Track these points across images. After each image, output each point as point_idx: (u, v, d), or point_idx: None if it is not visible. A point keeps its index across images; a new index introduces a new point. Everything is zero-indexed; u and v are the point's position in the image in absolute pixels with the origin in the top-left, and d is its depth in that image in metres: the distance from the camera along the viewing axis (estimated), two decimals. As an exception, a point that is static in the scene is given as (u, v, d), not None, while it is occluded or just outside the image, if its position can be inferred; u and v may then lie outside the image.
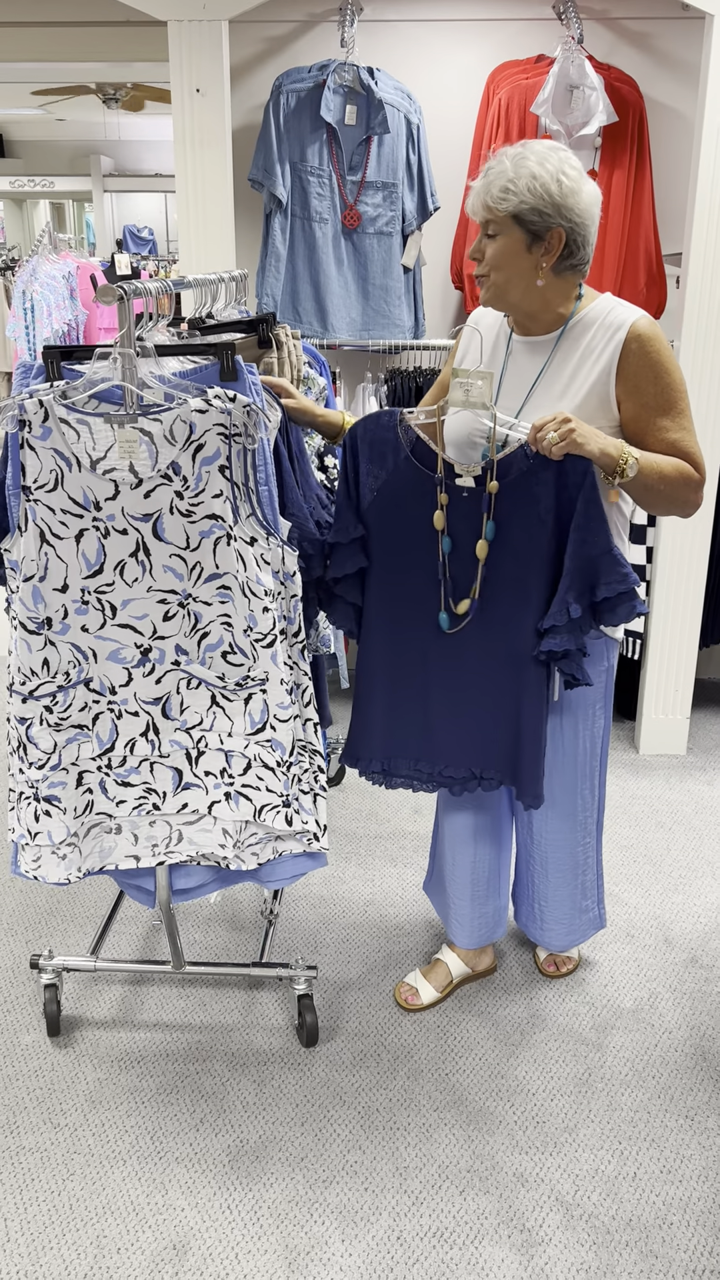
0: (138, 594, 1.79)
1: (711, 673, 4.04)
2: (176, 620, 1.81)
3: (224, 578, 1.77)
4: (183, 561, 1.77)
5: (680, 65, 3.41)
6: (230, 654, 1.82)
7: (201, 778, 1.92)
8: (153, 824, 1.95)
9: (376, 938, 2.54)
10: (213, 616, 1.80)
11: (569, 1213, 1.81)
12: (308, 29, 3.44)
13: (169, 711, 1.87)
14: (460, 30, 3.42)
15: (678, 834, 3.01)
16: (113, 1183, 1.87)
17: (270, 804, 1.90)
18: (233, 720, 1.87)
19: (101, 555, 1.77)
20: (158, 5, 2.93)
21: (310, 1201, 1.84)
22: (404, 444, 1.88)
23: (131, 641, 1.82)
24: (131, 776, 1.91)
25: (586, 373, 1.87)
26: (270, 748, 1.87)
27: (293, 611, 1.83)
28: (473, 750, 2.02)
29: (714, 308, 3.05)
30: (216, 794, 1.92)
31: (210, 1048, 2.18)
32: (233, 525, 1.73)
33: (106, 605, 1.80)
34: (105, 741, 1.89)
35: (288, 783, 1.89)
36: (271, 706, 1.84)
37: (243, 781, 1.90)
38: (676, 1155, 1.92)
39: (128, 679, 1.84)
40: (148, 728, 1.88)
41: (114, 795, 1.92)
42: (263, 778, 1.89)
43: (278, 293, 3.36)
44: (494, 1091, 2.07)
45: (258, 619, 1.77)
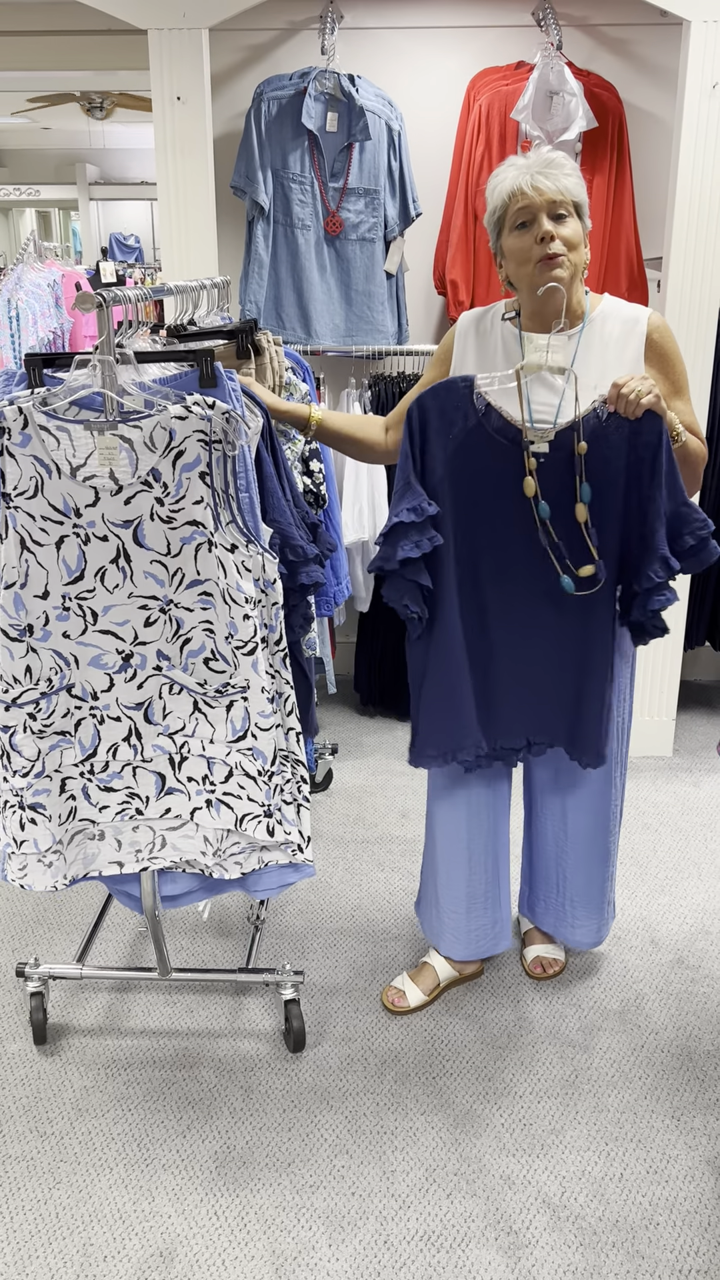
0: (119, 600, 1.79)
1: (697, 674, 4.06)
2: (158, 626, 1.81)
3: (205, 584, 1.78)
4: (164, 567, 1.77)
5: (659, 71, 3.43)
6: (212, 660, 1.82)
7: (184, 783, 1.92)
8: (136, 829, 1.95)
9: (364, 943, 2.54)
10: (195, 622, 1.81)
11: (556, 1214, 1.81)
12: (288, 37, 3.45)
13: (151, 716, 1.87)
14: (440, 37, 3.44)
15: (664, 835, 3.02)
16: (99, 1190, 1.87)
17: (251, 813, 1.90)
18: (214, 727, 1.87)
19: (82, 562, 1.77)
20: (138, 14, 2.94)
21: (297, 1207, 1.84)
22: (476, 412, 1.90)
23: (113, 647, 1.82)
24: (114, 782, 1.91)
25: (615, 361, 1.95)
26: (252, 756, 1.87)
27: (274, 619, 1.83)
28: (530, 717, 2.06)
29: (693, 310, 3.07)
30: (199, 800, 1.92)
31: (197, 1054, 2.18)
32: (214, 531, 1.74)
33: (88, 611, 1.80)
34: (87, 747, 1.89)
35: (269, 792, 1.88)
36: (253, 715, 1.84)
37: (224, 789, 1.90)
38: (663, 1156, 1.93)
39: (109, 684, 1.84)
40: (130, 733, 1.88)
41: (97, 801, 1.92)
42: (244, 786, 1.89)
43: (261, 299, 3.36)
44: (481, 1094, 2.08)
45: (239, 626, 1.77)
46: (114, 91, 8.75)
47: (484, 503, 1.93)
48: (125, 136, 12.39)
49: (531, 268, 1.86)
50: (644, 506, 1.89)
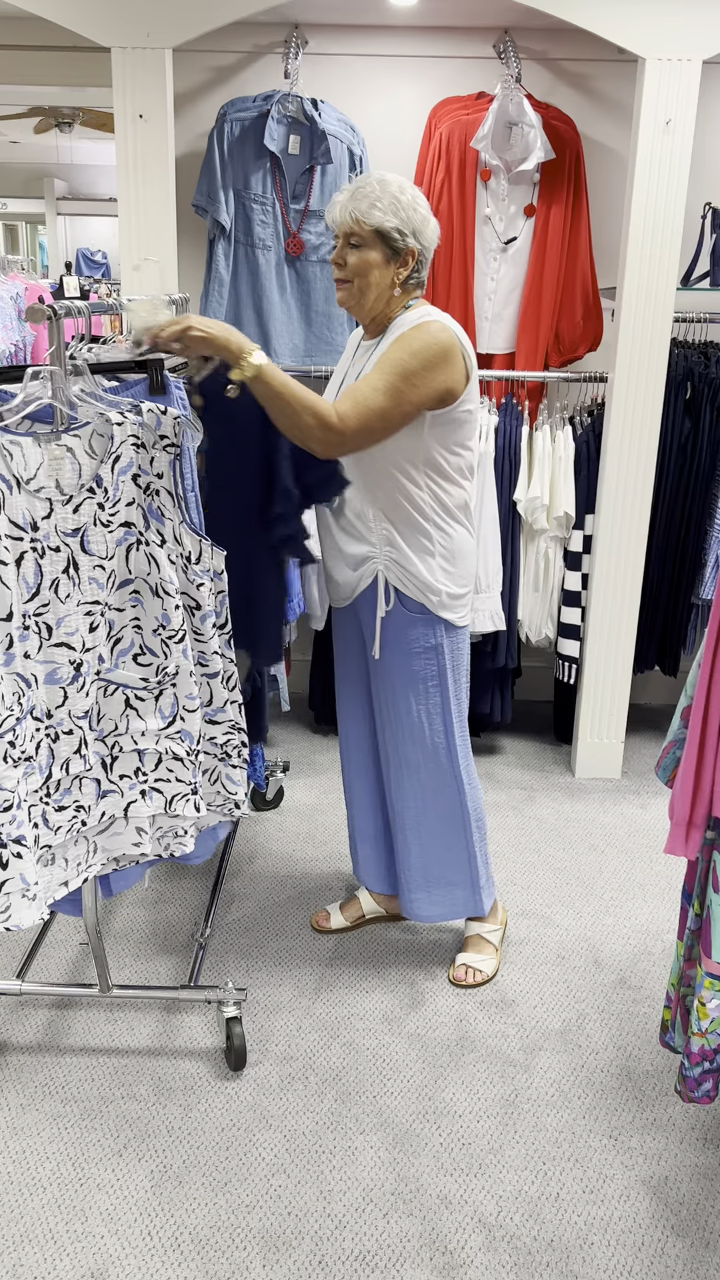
0: (69, 609, 1.79)
1: (646, 697, 4.10)
2: (100, 630, 1.83)
3: (134, 582, 1.83)
4: (104, 571, 1.80)
5: (615, 106, 3.51)
6: (140, 655, 1.87)
7: (117, 782, 1.93)
8: (77, 844, 1.93)
9: (309, 961, 2.53)
10: (125, 622, 1.86)
11: (491, 1234, 1.81)
12: (253, 60, 3.49)
13: (93, 723, 1.87)
14: (403, 66, 3.49)
15: (610, 856, 3.05)
16: (31, 1210, 1.84)
17: (180, 793, 1.95)
18: (145, 719, 1.91)
19: (39, 576, 1.76)
20: (102, 32, 2.95)
21: (232, 1227, 1.82)
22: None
23: (66, 659, 1.81)
24: (65, 799, 1.89)
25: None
26: (180, 739, 1.92)
27: (221, 605, 1.93)
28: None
29: (645, 339, 3.13)
30: (132, 794, 1.94)
31: (136, 1072, 2.16)
32: (144, 530, 1.79)
33: (44, 627, 1.78)
34: (45, 769, 1.84)
35: (195, 770, 1.94)
36: (181, 699, 1.90)
37: (155, 777, 1.94)
38: (599, 1175, 1.94)
39: (63, 698, 1.82)
40: (80, 744, 1.87)
41: (54, 824, 1.87)
42: (172, 769, 1.93)
43: (221, 317, 3.38)
44: (421, 1113, 2.07)
45: (171, 616, 1.83)
46: (82, 108, 8.75)
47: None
48: (94, 152, 12.39)
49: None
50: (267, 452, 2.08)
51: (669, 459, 3.37)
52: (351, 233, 2.04)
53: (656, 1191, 1.90)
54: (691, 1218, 1.85)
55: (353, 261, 2.07)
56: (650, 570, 3.46)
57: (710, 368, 3.32)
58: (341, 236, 2.07)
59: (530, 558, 3.43)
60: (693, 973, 1.84)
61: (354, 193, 2.04)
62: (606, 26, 2.91)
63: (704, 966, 1.74)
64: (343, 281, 2.11)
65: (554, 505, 3.32)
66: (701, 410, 3.33)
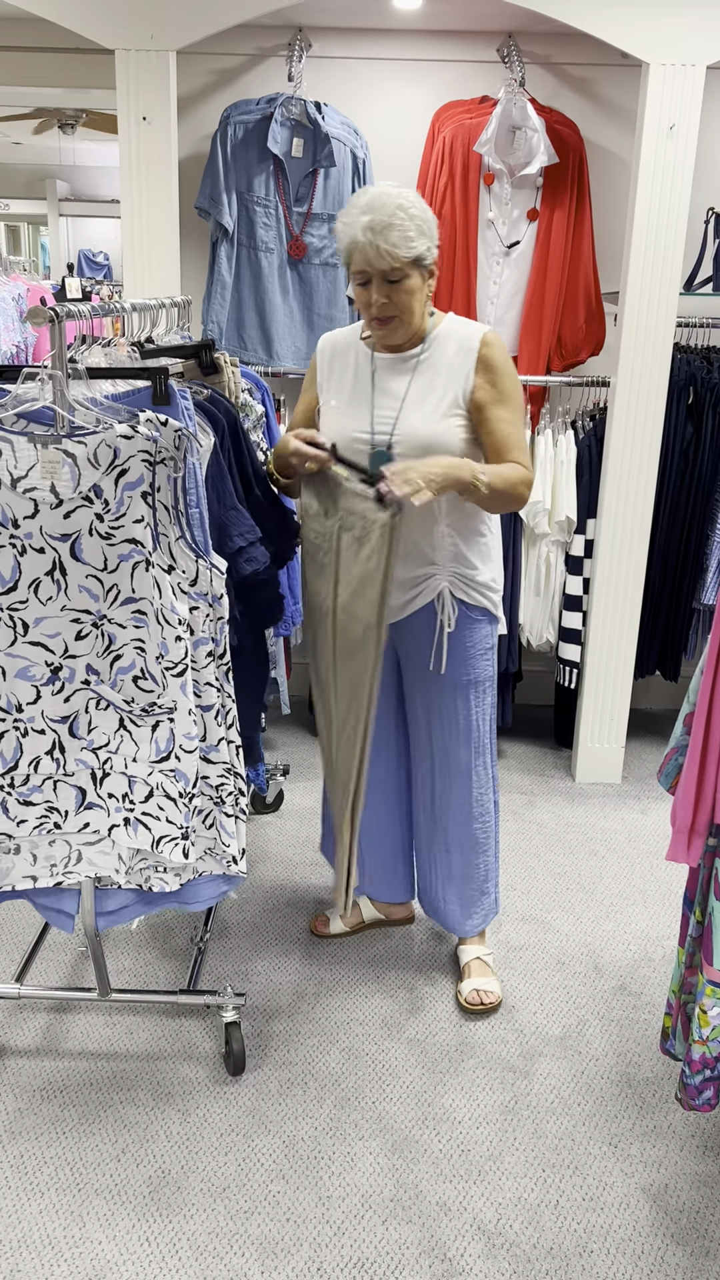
0: (51, 612, 1.78)
1: (647, 702, 4.10)
2: (89, 640, 1.81)
3: (140, 602, 1.78)
4: (99, 582, 1.77)
5: (619, 111, 3.50)
6: (141, 679, 1.82)
7: (104, 799, 1.91)
8: (52, 844, 1.93)
9: (308, 965, 2.53)
10: (127, 640, 1.81)
11: (490, 1242, 1.81)
12: (256, 62, 3.49)
13: (76, 730, 1.86)
14: (407, 69, 3.49)
15: (611, 862, 3.04)
16: (29, 1215, 1.83)
17: (169, 835, 1.89)
18: (139, 745, 1.86)
19: (16, 572, 1.76)
20: (106, 34, 2.95)
21: (230, 1233, 1.81)
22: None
23: (42, 659, 1.81)
24: (34, 795, 1.89)
25: (446, 382, 2.07)
26: (174, 778, 1.86)
27: (220, 634, 1.84)
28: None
29: (648, 344, 3.12)
30: (117, 817, 1.91)
31: (135, 1077, 2.15)
32: (151, 551, 1.74)
33: (18, 622, 1.78)
34: (8, 760, 1.87)
35: (188, 815, 1.88)
36: (178, 736, 1.83)
37: (143, 809, 1.89)
38: (599, 1183, 1.93)
39: (35, 696, 1.83)
40: (54, 746, 1.87)
41: (15, 815, 1.89)
42: (163, 808, 1.88)
43: (223, 319, 3.38)
44: (420, 1119, 2.07)
45: (170, 647, 1.77)
46: (85, 109, 8.75)
47: None
48: (96, 153, 12.40)
49: (367, 318, 2.07)
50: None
51: (671, 464, 3.36)
52: (391, 270, 1.96)
53: (656, 1199, 1.90)
54: (691, 1226, 1.84)
55: (400, 299, 1.99)
56: (651, 575, 3.46)
57: (713, 373, 3.32)
58: (376, 276, 1.97)
59: (532, 562, 3.42)
60: (694, 980, 1.84)
61: (380, 230, 1.92)
62: (610, 31, 2.91)
63: (705, 974, 1.73)
64: (387, 320, 2.02)
65: (556, 509, 3.32)
66: (703, 415, 3.33)
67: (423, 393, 2.07)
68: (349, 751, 2.14)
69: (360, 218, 1.94)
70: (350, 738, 2.13)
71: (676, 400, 3.30)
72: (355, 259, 1.99)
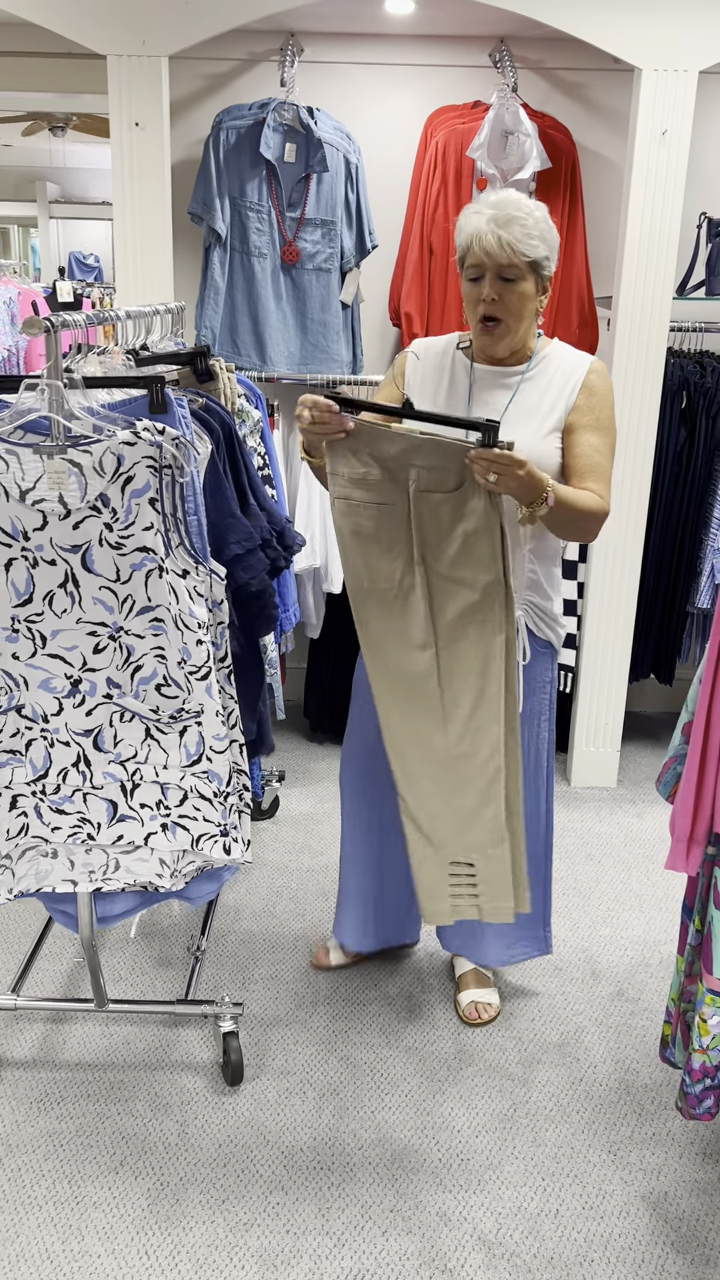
0: (67, 625, 1.77)
1: (641, 706, 4.10)
2: (107, 653, 1.80)
3: (156, 610, 1.77)
4: (113, 594, 1.76)
5: (611, 115, 3.51)
6: (164, 686, 1.81)
7: (137, 810, 1.90)
8: (89, 852, 1.93)
9: (306, 973, 2.52)
10: (146, 649, 1.79)
11: (491, 1252, 1.80)
12: (248, 68, 3.48)
13: (101, 744, 1.85)
14: (399, 74, 3.49)
15: (607, 866, 3.04)
16: (27, 1230, 1.82)
17: (208, 833, 1.91)
18: (168, 753, 1.86)
19: (30, 585, 1.75)
20: (97, 40, 2.94)
21: (230, 1245, 1.81)
22: None
23: (61, 672, 1.80)
24: (66, 805, 1.89)
25: (552, 402, 2.01)
26: (207, 779, 1.86)
27: (220, 638, 1.86)
28: None
29: (641, 349, 3.13)
30: (153, 825, 1.91)
31: (132, 1087, 2.14)
32: (164, 558, 1.73)
33: (37, 635, 1.78)
34: (39, 768, 1.86)
35: (224, 812, 1.89)
36: (207, 738, 1.84)
37: (179, 813, 1.90)
38: (599, 1191, 1.93)
39: (59, 708, 1.82)
40: (79, 759, 1.86)
41: (49, 821, 1.89)
42: (199, 808, 1.89)
43: (217, 325, 3.37)
44: (419, 1129, 2.06)
45: (191, 651, 1.77)
46: (75, 113, 8.72)
47: None
48: (87, 156, 12.37)
49: (474, 320, 1.97)
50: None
51: (664, 468, 3.37)
52: (508, 265, 1.88)
53: (656, 1207, 1.89)
54: (691, 1234, 1.84)
55: (511, 301, 1.90)
56: (646, 579, 3.46)
57: (706, 377, 3.32)
58: (491, 270, 1.89)
59: (526, 566, 3.42)
60: (693, 988, 1.84)
61: (506, 222, 1.85)
62: (603, 37, 2.91)
63: (705, 983, 1.73)
64: (493, 323, 1.93)
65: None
66: (697, 419, 3.33)
67: (524, 411, 1.99)
68: (477, 742, 1.92)
69: (485, 210, 1.89)
70: (478, 725, 1.92)
71: (670, 405, 3.31)
72: (473, 250, 1.90)
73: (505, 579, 1.85)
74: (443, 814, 1.99)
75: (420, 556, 1.87)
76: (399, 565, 1.89)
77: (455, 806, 1.98)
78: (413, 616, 1.92)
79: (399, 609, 1.92)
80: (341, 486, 1.88)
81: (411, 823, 2.02)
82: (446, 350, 2.09)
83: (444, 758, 1.96)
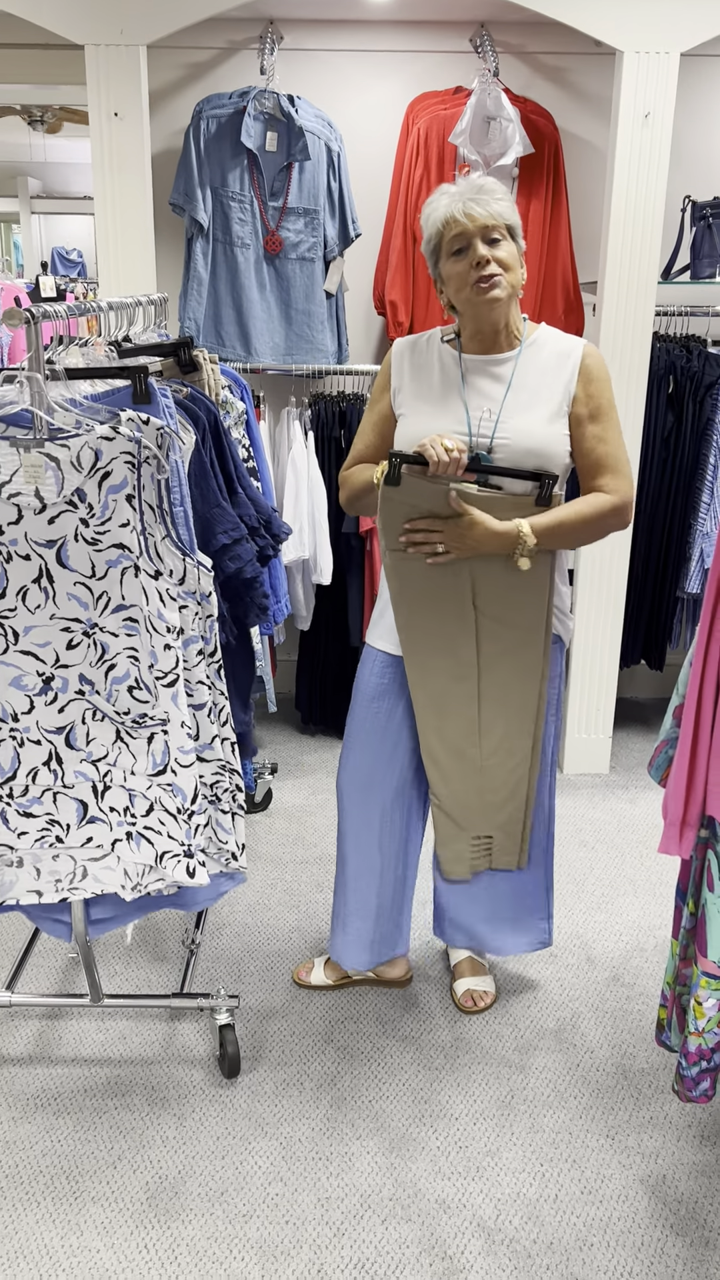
0: (40, 621, 1.76)
1: (633, 692, 4.11)
2: (80, 649, 1.78)
3: (131, 609, 1.75)
4: (88, 590, 1.74)
5: (593, 99, 3.49)
6: (136, 689, 1.80)
7: (106, 813, 1.88)
8: (55, 858, 1.91)
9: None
10: (119, 648, 1.78)
11: (490, 1238, 1.80)
12: (228, 56, 3.46)
13: (73, 742, 1.84)
14: (379, 60, 3.47)
15: (600, 853, 3.04)
16: (26, 1226, 1.82)
17: (171, 851, 1.87)
18: (136, 757, 1.84)
19: (3, 580, 1.74)
20: (75, 29, 2.92)
21: (229, 1237, 1.80)
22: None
23: (33, 669, 1.78)
24: (34, 807, 1.87)
25: (551, 386, 1.98)
26: (171, 792, 1.84)
27: (209, 631, 1.83)
28: None
29: (627, 334, 3.12)
30: (120, 831, 1.89)
31: (129, 1082, 2.14)
32: (139, 556, 1.72)
33: (9, 631, 1.76)
34: (6, 770, 1.85)
35: (189, 832, 1.85)
36: (173, 749, 1.81)
37: (144, 823, 1.87)
38: (597, 1175, 1.93)
39: (30, 706, 1.81)
40: (50, 757, 1.84)
41: (15, 826, 1.87)
42: (164, 823, 1.86)
43: (200, 316, 3.35)
44: (417, 1117, 2.06)
45: (159, 656, 1.75)
46: (55, 106, 8.66)
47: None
48: (68, 150, 12.30)
49: (470, 291, 1.91)
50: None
51: (652, 453, 3.36)
52: (492, 226, 1.87)
53: (655, 1190, 1.90)
54: (690, 1216, 1.85)
55: (500, 255, 1.88)
56: (635, 564, 3.46)
57: (692, 361, 3.32)
58: (476, 234, 1.87)
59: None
60: (688, 972, 1.84)
61: (475, 191, 1.87)
62: (583, 19, 2.90)
63: (700, 966, 1.73)
64: (493, 279, 1.88)
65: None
66: (684, 404, 3.33)
67: (524, 396, 1.96)
68: (507, 756, 2.11)
69: (448, 191, 1.90)
70: (509, 743, 2.10)
71: (657, 390, 3.30)
72: (451, 225, 1.88)
73: (548, 617, 1.99)
74: (474, 806, 2.17)
75: (474, 603, 1.99)
76: (451, 611, 2.00)
77: (485, 801, 2.16)
78: (461, 655, 2.04)
79: (448, 648, 2.03)
80: (397, 541, 1.96)
81: (442, 813, 2.18)
82: (430, 345, 2.06)
83: (476, 767, 2.13)
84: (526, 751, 2.12)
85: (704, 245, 3.34)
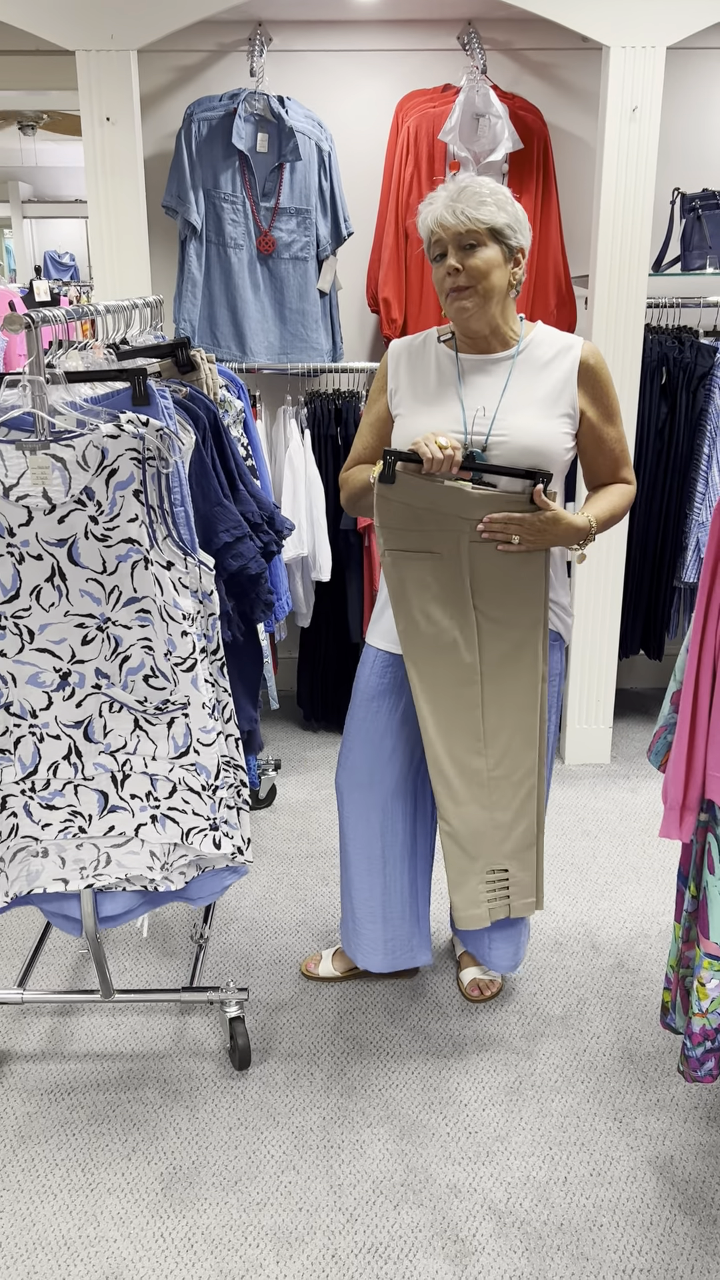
0: (55, 619, 1.79)
1: (632, 682, 4.13)
2: (95, 644, 1.81)
3: (143, 601, 1.78)
4: (100, 585, 1.77)
5: (581, 94, 3.52)
6: (152, 677, 1.83)
7: (128, 800, 1.91)
8: (79, 847, 1.94)
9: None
10: (133, 640, 1.81)
11: (501, 1221, 1.83)
12: (218, 58, 3.48)
13: (91, 735, 1.86)
14: (368, 60, 3.49)
15: (603, 841, 3.07)
16: (43, 1218, 1.84)
17: (198, 827, 1.91)
18: (156, 744, 1.87)
19: (16, 580, 1.76)
20: (65, 35, 2.94)
21: (244, 1225, 1.83)
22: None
23: (50, 666, 1.81)
24: (56, 799, 1.90)
25: (551, 384, 1.98)
26: (195, 771, 1.87)
27: (211, 630, 1.85)
28: None
29: (619, 326, 3.14)
30: (143, 816, 1.92)
31: (142, 1075, 2.17)
32: (149, 549, 1.74)
33: (24, 630, 1.79)
34: (28, 765, 1.88)
35: (214, 806, 1.89)
36: (194, 730, 1.85)
37: (169, 805, 1.90)
38: (605, 1158, 1.96)
39: (48, 703, 1.83)
40: (70, 751, 1.87)
41: (39, 819, 1.91)
42: (189, 801, 1.89)
43: (195, 318, 3.38)
44: (426, 1104, 2.09)
45: (177, 643, 1.78)
46: (45, 111, 8.67)
47: None
48: (59, 154, 12.32)
49: (444, 299, 1.95)
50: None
51: (647, 444, 3.39)
52: (466, 233, 1.86)
53: (663, 1171, 1.92)
54: (698, 1195, 1.87)
55: (473, 263, 1.87)
56: (632, 555, 3.49)
57: (684, 352, 3.34)
58: (451, 242, 1.88)
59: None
60: (691, 954, 1.86)
61: (458, 194, 1.87)
62: (570, 15, 2.92)
63: (702, 947, 1.76)
64: (462, 290, 1.89)
65: (535, 494, 3.34)
66: (678, 395, 3.35)
67: (522, 394, 1.96)
68: (513, 766, 2.08)
69: (440, 194, 1.92)
70: (515, 752, 2.08)
71: (650, 381, 3.33)
72: (431, 236, 1.91)
73: (544, 613, 2.00)
74: (484, 830, 2.11)
75: (473, 603, 1.98)
76: (451, 611, 1.99)
77: (495, 820, 2.11)
78: (462, 657, 2.02)
79: (449, 650, 2.01)
80: (394, 539, 1.95)
81: (452, 841, 2.11)
82: (426, 345, 2.06)
83: (483, 780, 2.09)
84: (533, 762, 2.09)
85: (694, 237, 3.36)
